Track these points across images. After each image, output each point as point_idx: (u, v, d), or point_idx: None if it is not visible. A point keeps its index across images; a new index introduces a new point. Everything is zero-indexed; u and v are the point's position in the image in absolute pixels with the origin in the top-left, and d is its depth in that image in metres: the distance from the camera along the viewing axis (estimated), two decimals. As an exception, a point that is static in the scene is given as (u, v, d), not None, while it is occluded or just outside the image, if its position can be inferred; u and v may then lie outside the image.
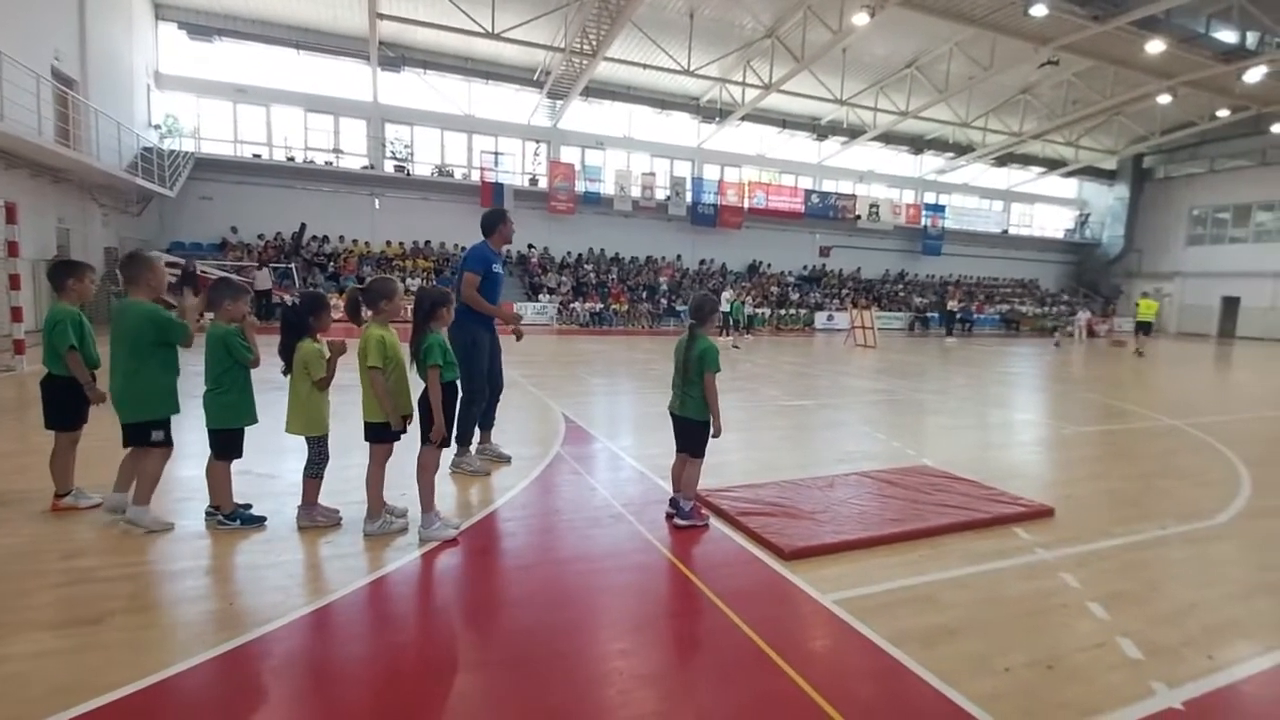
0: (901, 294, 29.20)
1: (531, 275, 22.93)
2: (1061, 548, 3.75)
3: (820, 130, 27.31)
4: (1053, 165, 32.24)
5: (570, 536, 3.74)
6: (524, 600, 2.97)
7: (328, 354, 3.60)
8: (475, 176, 23.03)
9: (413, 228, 22.57)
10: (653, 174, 25.07)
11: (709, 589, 3.10)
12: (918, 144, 29.42)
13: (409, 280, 19.86)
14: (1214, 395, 11.08)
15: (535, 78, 22.52)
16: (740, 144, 27.56)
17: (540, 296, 22.11)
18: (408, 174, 22.49)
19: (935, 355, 16.46)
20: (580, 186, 23.80)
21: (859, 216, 28.48)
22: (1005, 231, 33.38)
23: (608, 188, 24.18)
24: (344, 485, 4.06)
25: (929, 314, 27.51)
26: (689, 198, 25.47)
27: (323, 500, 3.71)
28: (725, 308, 16.87)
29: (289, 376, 3.62)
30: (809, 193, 27.83)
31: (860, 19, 17.22)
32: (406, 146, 22.87)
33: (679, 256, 26.39)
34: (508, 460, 5.05)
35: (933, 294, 29.38)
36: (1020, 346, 20.45)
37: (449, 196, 22.86)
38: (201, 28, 19.79)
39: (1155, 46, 18.37)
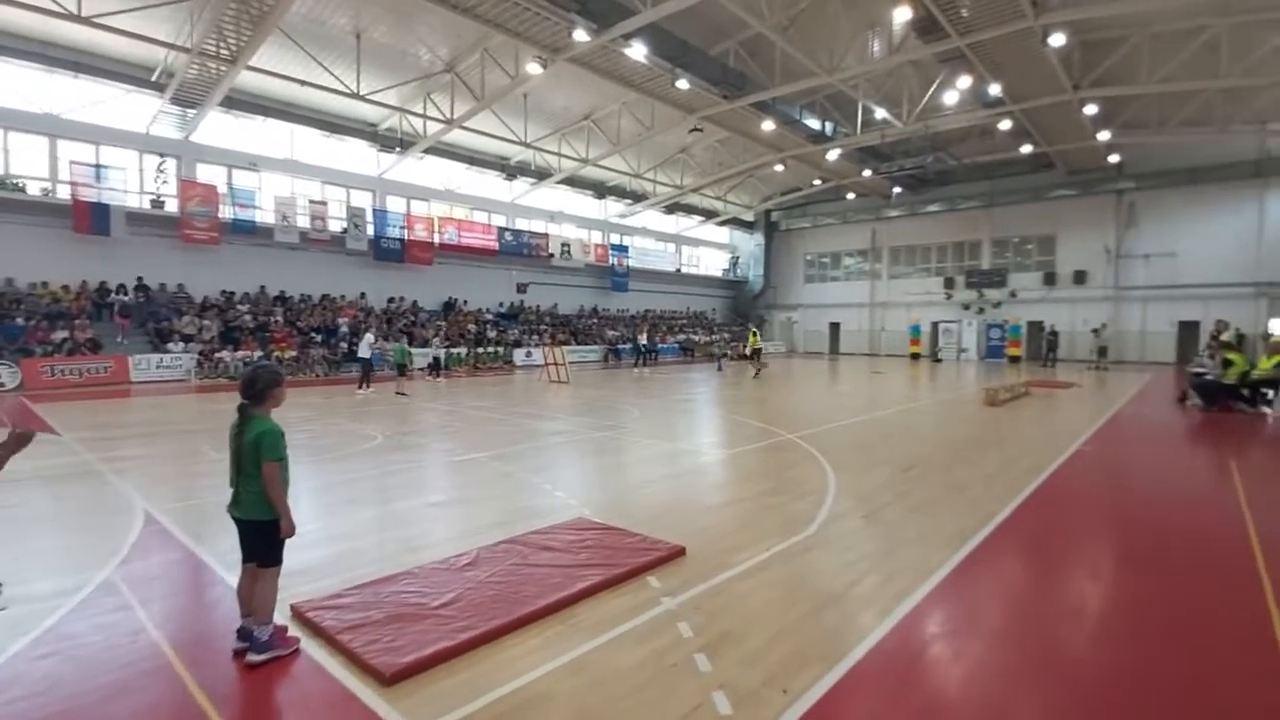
0: (596, 327, 31.10)
1: (159, 319, 18.38)
2: (685, 591, 3.85)
3: (510, 170, 27.77)
4: (709, 215, 38.13)
5: (58, 729, 2.57)
6: None
7: None
8: (65, 193, 17.79)
9: (-42, 257, 16.39)
10: (324, 203, 22.44)
11: (257, 768, 2.31)
12: (600, 189, 31.94)
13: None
14: (819, 407, 13.69)
15: (155, 78, 18.41)
16: (427, 177, 26.51)
17: (170, 345, 17.80)
18: (-53, 184, 16.32)
19: (621, 386, 17.59)
20: (228, 212, 20.09)
21: (552, 254, 29.66)
22: (679, 270, 38.25)
23: (266, 215, 20.86)
24: None
25: (621, 345, 29.75)
26: (370, 230, 23.45)
27: None
28: (366, 354, 15.43)
29: None
30: (502, 230, 28.04)
31: (534, 68, 17.89)
32: (-57, 147, 16.63)
33: (363, 294, 24.03)
34: None
35: (623, 326, 31.93)
36: (694, 372, 23.20)
37: (21, 217, 17.21)
38: None
39: (767, 125, 22.95)
